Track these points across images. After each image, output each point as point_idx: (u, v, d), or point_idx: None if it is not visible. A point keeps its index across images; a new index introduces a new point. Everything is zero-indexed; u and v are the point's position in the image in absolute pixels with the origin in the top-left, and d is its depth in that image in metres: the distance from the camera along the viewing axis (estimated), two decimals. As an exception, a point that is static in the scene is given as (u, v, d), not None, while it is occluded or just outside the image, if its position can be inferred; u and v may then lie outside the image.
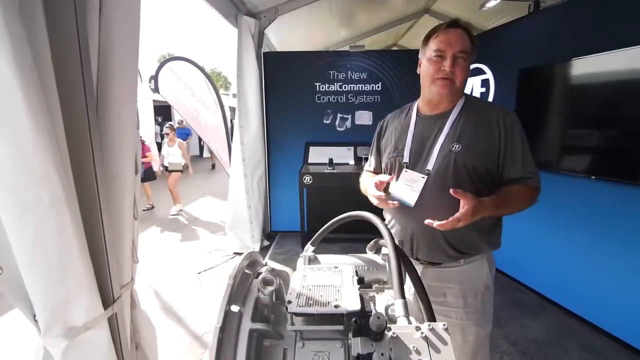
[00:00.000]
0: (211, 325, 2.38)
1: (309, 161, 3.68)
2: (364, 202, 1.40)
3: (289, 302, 0.68)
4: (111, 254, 1.06)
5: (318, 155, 3.71)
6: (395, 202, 1.14)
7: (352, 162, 3.64)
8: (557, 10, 2.45)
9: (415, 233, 1.15)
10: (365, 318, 0.62)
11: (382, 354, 0.56)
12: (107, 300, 1.02)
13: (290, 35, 4.91)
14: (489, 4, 2.90)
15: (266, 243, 3.87)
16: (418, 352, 0.60)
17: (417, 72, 1.20)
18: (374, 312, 0.67)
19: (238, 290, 0.71)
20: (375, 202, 1.18)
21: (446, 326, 0.64)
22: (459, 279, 1.16)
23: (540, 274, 2.58)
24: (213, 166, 10.90)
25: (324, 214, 3.79)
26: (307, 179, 3.30)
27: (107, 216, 1.04)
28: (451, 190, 0.97)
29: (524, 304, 2.51)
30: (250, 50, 3.34)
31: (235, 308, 0.66)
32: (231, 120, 6.18)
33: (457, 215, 0.95)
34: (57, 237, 0.84)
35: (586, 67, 2.19)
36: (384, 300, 0.92)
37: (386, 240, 0.84)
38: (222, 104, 4.40)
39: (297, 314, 0.66)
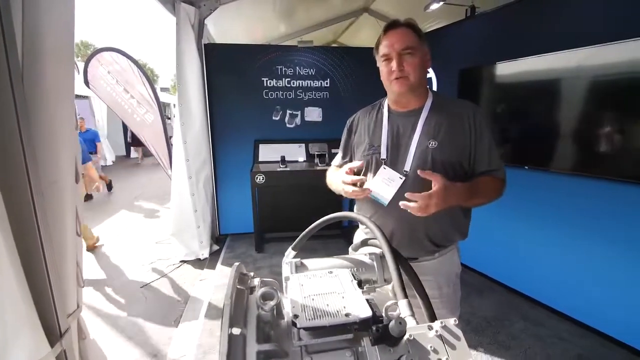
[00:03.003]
0: (166, 344, 2.17)
1: (260, 159, 3.55)
2: (319, 199, 1.36)
3: (296, 316, 0.63)
4: (54, 278, 0.88)
5: (268, 153, 3.60)
6: (367, 189, 1.12)
7: (304, 159, 3.61)
8: (487, 16, 2.71)
9: (395, 231, 1.16)
10: (382, 324, 0.60)
11: (411, 361, 0.54)
12: (53, 335, 0.85)
13: (229, 27, 4.67)
14: (433, 6, 3.08)
15: (216, 248, 3.66)
16: (436, 352, 0.60)
17: (380, 78, 1.21)
18: (384, 316, 0.65)
19: (236, 310, 0.63)
20: (349, 189, 1.13)
21: (457, 322, 0.64)
22: (434, 271, 1.20)
23: (482, 256, 2.86)
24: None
25: (277, 214, 3.75)
26: (260, 178, 3.18)
27: (46, 234, 0.86)
28: (419, 171, 1.01)
29: (470, 284, 2.75)
30: (190, 41, 3.09)
31: (236, 331, 0.59)
32: (165, 116, 5.69)
33: (430, 191, 0.96)
34: (-14, 266, 0.67)
35: (508, 69, 2.50)
36: (382, 301, 0.92)
37: (380, 240, 0.82)
38: (159, 100, 4.01)
39: (307, 329, 0.61)
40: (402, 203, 1.00)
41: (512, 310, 2.45)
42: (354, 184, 1.13)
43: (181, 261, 3.42)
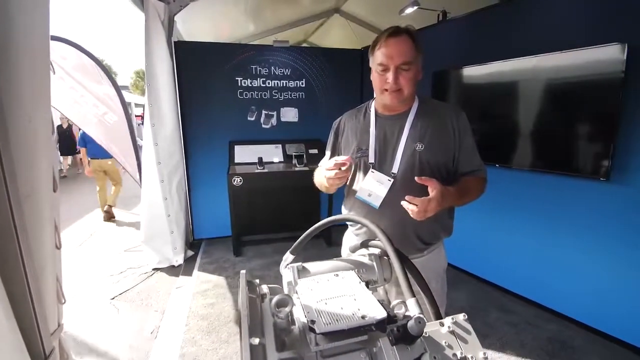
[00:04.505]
0: (144, 358, 2.06)
1: (236, 161, 3.47)
2: (298, 201, 1.36)
3: (313, 321, 0.62)
4: (36, 296, 0.81)
5: (244, 154, 3.52)
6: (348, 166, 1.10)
7: (281, 160, 3.57)
8: (458, 22, 2.85)
9: (387, 231, 1.18)
10: (400, 324, 0.61)
11: (435, 357, 0.56)
12: (38, 357, 0.79)
13: (198, 25, 4.52)
14: (408, 11, 3.17)
15: (190, 253, 3.53)
16: (450, 347, 0.62)
17: (370, 78, 1.22)
18: (397, 315, 0.67)
19: (252, 319, 0.62)
20: (331, 174, 1.10)
21: (466, 317, 0.67)
22: (423, 268, 1.23)
23: (455, 250, 2.98)
24: None
25: (254, 216, 3.69)
26: (237, 180, 3.10)
27: (26, 248, 0.79)
28: (416, 178, 1.04)
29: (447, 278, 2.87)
30: (160, 39, 2.95)
31: (255, 340, 0.58)
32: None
33: (429, 196, 1.00)
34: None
35: (474, 73, 2.65)
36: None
37: (383, 241, 0.84)
38: (123, 99, 3.77)
39: (326, 334, 0.61)
40: (404, 204, 1.02)
41: (486, 301, 2.59)
42: (339, 168, 1.09)
43: (154, 269, 3.26)
